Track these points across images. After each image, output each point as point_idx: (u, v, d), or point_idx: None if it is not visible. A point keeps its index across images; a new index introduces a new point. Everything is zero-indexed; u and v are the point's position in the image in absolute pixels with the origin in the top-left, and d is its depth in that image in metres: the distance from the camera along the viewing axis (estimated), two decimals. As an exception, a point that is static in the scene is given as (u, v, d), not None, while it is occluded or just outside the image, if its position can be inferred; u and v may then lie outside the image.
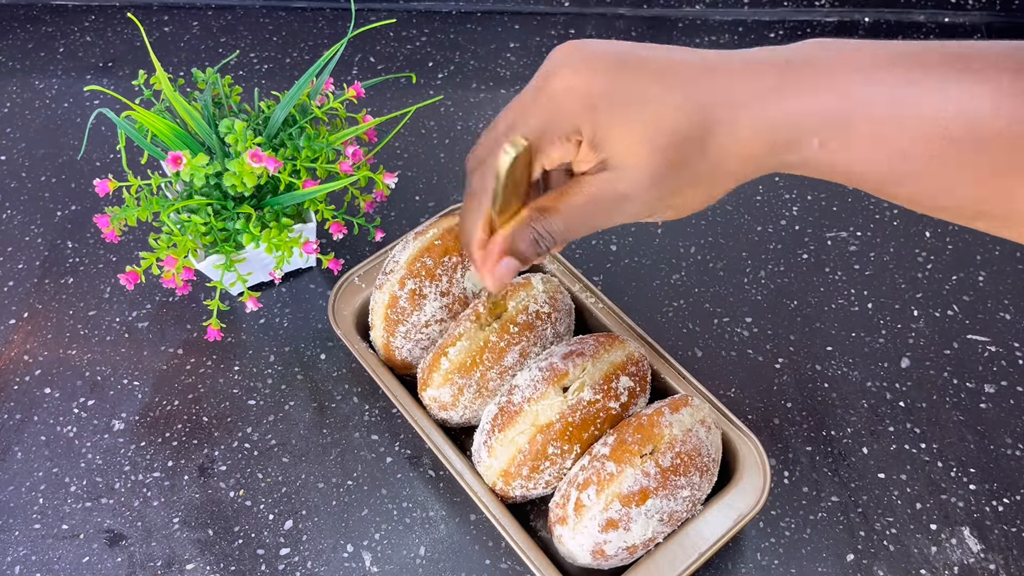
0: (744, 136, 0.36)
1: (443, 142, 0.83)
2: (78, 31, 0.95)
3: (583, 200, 0.39)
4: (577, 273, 0.63)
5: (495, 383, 0.57)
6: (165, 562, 0.59)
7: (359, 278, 0.65)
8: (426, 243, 0.60)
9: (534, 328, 0.57)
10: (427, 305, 0.59)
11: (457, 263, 0.59)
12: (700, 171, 0.37)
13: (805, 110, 0.35)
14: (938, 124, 0.32)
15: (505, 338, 0.56)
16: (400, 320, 0.59)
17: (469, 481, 0.56)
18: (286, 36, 0.93)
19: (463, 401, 0.57)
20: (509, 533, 0.53)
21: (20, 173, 0.82)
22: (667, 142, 0.36)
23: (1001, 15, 0.91)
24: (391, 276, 0.60)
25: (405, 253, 0.60)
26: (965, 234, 0.74)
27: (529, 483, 0.54)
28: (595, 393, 0.53)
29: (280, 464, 0.63)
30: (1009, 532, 0.58)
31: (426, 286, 0.59)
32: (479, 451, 0.55)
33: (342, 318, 0.63)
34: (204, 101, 0.66)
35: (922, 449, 0.62)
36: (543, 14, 0.95)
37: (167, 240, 0.61)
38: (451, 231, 0.61)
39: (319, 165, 0.63)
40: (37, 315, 0.72)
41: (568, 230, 0.40)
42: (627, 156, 0.37)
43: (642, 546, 0.52)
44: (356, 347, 0.62)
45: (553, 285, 0.60)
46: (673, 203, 0.39)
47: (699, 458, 0.52)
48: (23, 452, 0.65)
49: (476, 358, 0.56)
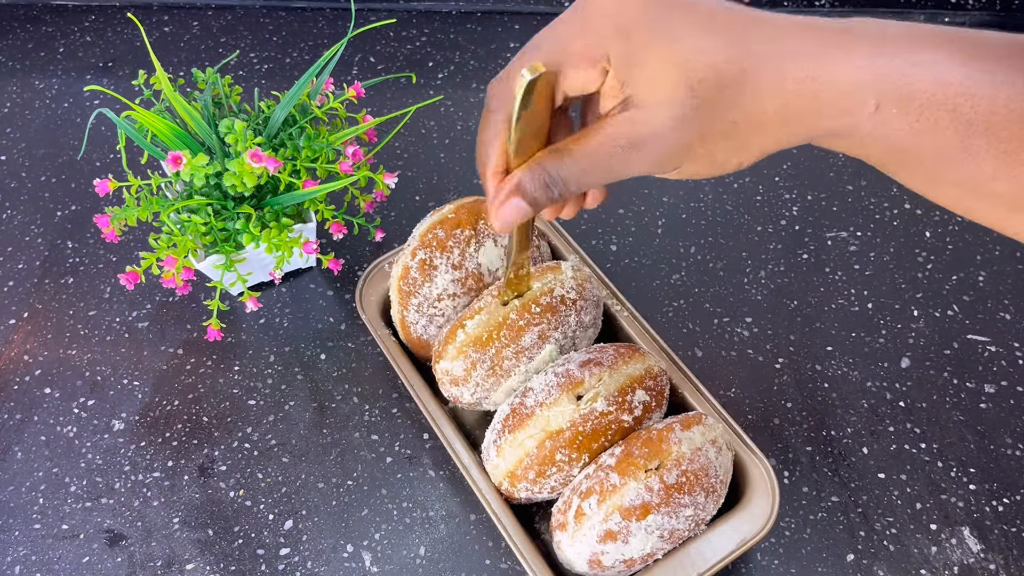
0: (789, 88, 0.33)
1: (443, 142, 0.83)
2: (78, 31, 0.95)
3: (600, 141, 0.35)
4: (606, 279, 0.63)
5: (510, 362, 0.56)
6: (165, 562, 0.59)
7: (388, 265, 0.65)
8: (440, 217, 0.59)
9: (557, 312, 0.56)
10: (438, 277, 0.58)
11: (470, 237, 0.58)
12: (732, 122, 0.34)
13: (865, 66, 0.32)
14: (1009, 106, 0.30)
15: (525, 317, 0.55)
16: (412, 292, 0.59)
17: (475, 477, 0.56)
18: (286, 36, 0.93)
19: (475, 377, 0.56)
20: (509, 533, 0.53)
21: (20, 173, 0.82)
22: (699, 81, 0.33)
23: (1001, 15, 0.91)
24: (405, 249, 0.60)
25: (420, 228, 0.60)
26: (965, 234, 0.74)
27: (535, 487, 0.53)
28: (608, 404, 0.52)
29: (280, 464, 0.63)
30: (1009, 532, 0.58)
31: (436, 256, 0.58)
32: (488, 449, 0.55)
33: (368, 303, 0.63)
34: (204, 101, 0.66)
35: (922, 449, 0.62)
36: (543, 14, 0.95)
37: (167, 240, 0.61)
38: (464, 206, 0.60)
39: (319, 165, 0.63)
40: (37, 315, 0.72)
41: (583, 174, 0.37)
42: (653, 92, 0.34)
43: (640, 561, 0.51)
44: (378, 332, 0.62)
45: (583, 274, 0.59)
46: (698, 155, 0.36)
47: (706, 478, 0.51)
48: (23, 452, 0.65)
49: (493, 333, 0.55)
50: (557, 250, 0.65)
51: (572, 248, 0.65)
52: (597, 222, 0.76)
